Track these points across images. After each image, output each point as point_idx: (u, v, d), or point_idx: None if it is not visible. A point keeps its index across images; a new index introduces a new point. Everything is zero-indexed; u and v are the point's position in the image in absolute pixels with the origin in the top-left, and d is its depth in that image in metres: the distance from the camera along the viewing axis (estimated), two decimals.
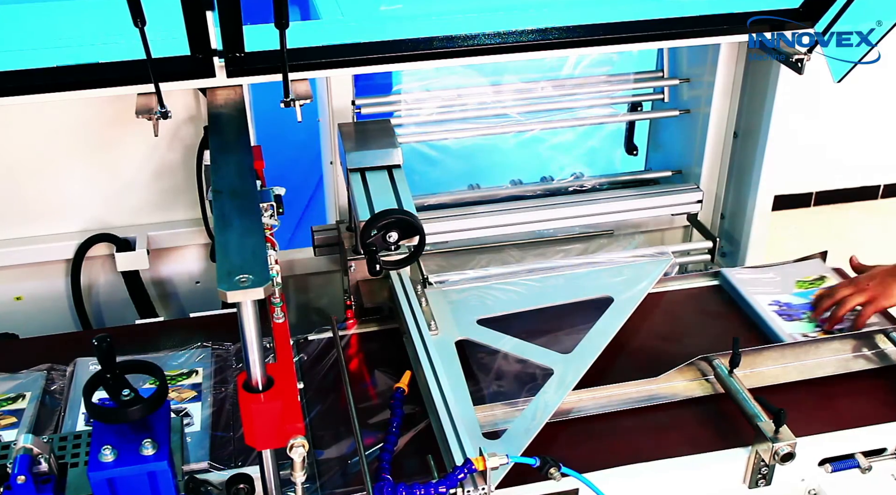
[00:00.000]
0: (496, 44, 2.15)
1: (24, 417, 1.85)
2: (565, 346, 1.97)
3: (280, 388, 1.40)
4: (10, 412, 1.86)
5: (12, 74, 1.95)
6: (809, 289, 2.21)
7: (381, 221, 1.84)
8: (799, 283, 2.23)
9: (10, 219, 2.42)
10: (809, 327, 2.07)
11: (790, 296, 2.18)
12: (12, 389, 1.93)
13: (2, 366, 2.01)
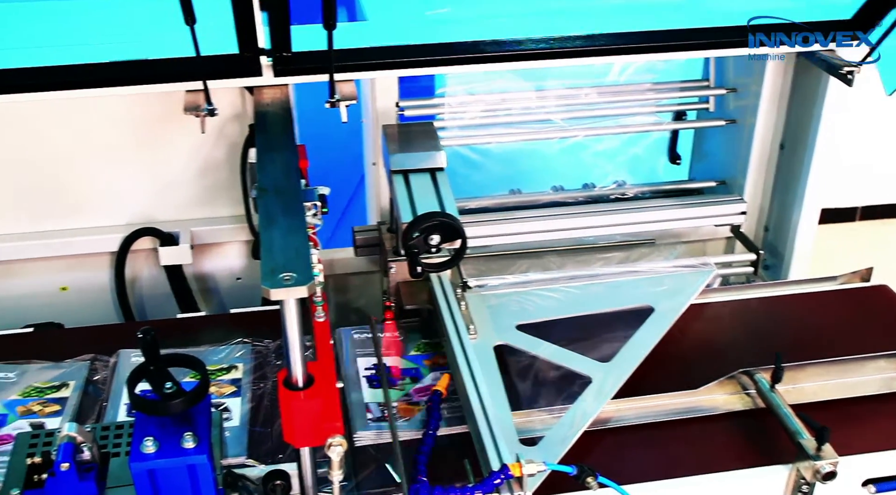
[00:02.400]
0: (542, 49, 2.15)
1: (68, 406, 1.88)
2: (604, 355, 1.96)
3: (320, 387, 1.41)
4: (54, 400, 1.89)
5: (67, 69, 1.99)
6: None
7: (423, 224, 1.84)
8: None
9: (58, 211, 2.47)
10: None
11: None
12: (56, 378, 1.96)
13: (46, 354, 2.03)
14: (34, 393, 1.91)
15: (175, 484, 1.38)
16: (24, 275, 2.54)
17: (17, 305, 2.53)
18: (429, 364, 1.99)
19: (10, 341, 2.14)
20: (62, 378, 1.96)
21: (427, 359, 2.01)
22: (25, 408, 1.87)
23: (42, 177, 2.42)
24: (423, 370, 1.98)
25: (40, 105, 2.27)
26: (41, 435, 1.58)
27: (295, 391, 1.39)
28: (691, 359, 2.03)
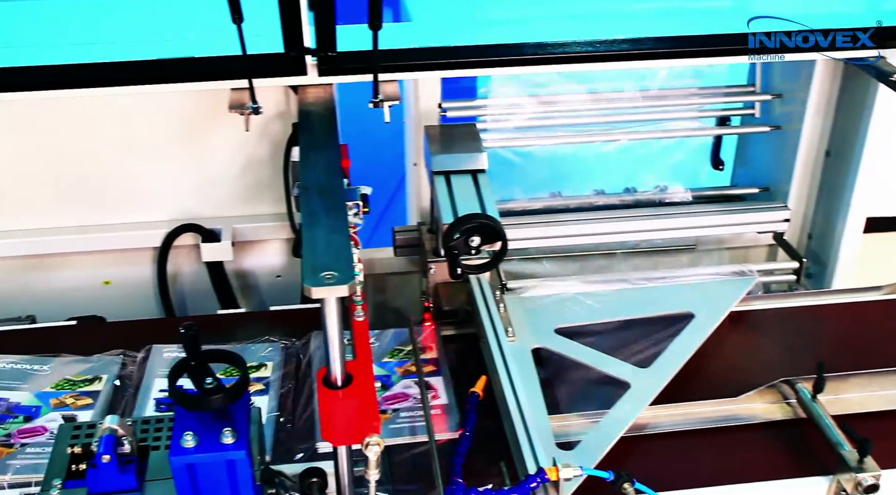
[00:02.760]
0: (587, 52, 2.14)
1: (100, 399, 1.90)
2: (643, 360, 1.95)
3: (359, 386, 1.41)
4: (86, 393, 1.92)
5: (115, 66, 2.01)
6: None
7: (464, 225, 1.84)
8: None
9: (103, 206, 2.50)
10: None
11: None
12: (89, 371, 1.99)
13: (87, 347, 2.06)
14: (67, 385, 1.94)
15: (214, 479, 1.39)
16: (69, 269, 2.58)
17: (61, 298, 2.57)
18: (401, 371, 1.98)
19: (54, 333, 2.17)
20: (95, 371, 1.98)
21: (399, 366, 2.00)
22: (58, 401, 1.90)
23: (89, 172, 2.45)
24: (394, 377, 1.96)
25: (88, 101, 2.30)
26: (83, 427, 1.60)
27: (334, 389, 1.40)
28: (731, 366, 2.01)
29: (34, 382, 1.94)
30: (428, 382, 1.93)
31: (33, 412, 1.86)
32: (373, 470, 1.45)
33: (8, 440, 1.78)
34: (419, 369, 1.95)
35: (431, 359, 2.01)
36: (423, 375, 1.94)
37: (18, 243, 2.49)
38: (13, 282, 2.56)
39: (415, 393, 1.90)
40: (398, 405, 1.88)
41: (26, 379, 1.95)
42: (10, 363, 1.99)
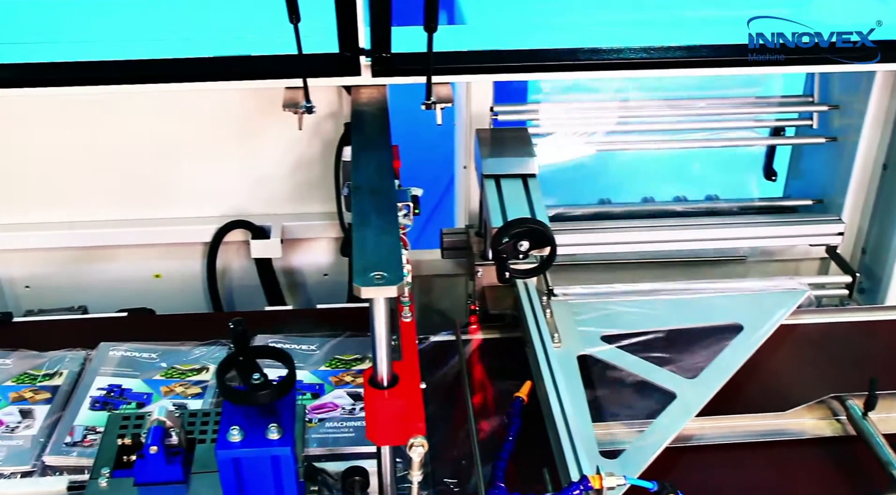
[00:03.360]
0: (641, 59, 2.12)
1: (210, 389, 1.93)
2: (689, 371, 1.93)
3: (404, 387, 1.41)
4: (195, 382, 1.95)
5: (173, 62, 2.04)
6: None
7: (513, 229, 1.84)
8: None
9: (156, 200, 2.54)
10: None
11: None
12: (195, 360, 2.02)
13: (139, 339, 2.09)
14: (176, 374, 1.97)
15: (258, 474, 1.41)
16: (121, 261, 2.62)
17: (112, 289, 2.62)
18: (335, 381, 1.96)
19: (106, 324, 2.21)
20: (204, 361, 2.01)
21: (334, 375, 1.98)
22: (169, 389, 1.93)
23: (144, 166, 2.49)
24: (327, 386, 1.95)
25: (146, 96, 2.34)
26: (132, 418, 1.63)
27: (379, 389, 1.40)
28: (780, 380, 1.98)
29: (146, 370, 1.98)
30: (359, 393, 1.90)
31: (145, 399, 1.90)
32: (416, 471, 1.46)
33: None
34: (464, 373, 1.95)
35: None
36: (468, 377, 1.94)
37: (73, 235, 2.54)
38: (67, 272, 2.61)
39: (343, 404, 1.88)
40: (325, 415, 1.85)
41: (138, 366, 1.99)
42: (126, 350, 2.04)
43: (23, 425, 1.81)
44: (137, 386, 1.93)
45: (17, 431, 1.80)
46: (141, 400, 1.89)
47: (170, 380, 1.95)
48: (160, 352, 2.03)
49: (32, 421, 1.83)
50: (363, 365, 1.98)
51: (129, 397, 1.90)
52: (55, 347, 2.05)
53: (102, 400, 1.88)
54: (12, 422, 1.82)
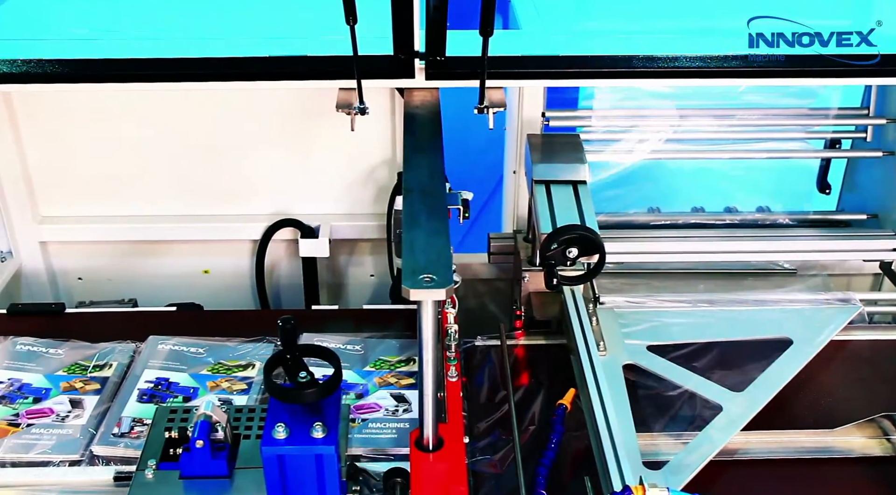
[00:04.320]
0: (697, 67, 2.11)
1: (255, 385, 1.95)
2: (736, 384, 1.90)
3: (449, 450, 1.45)
4: (241, 378, 1.97)
5: (231, 61, 2.07)
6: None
7: (562, 236, 1.83)
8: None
9: (208, 197, 2.58)
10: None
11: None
12: (242, 356, 2.04)
13: (187, 333, 2.11)
14: (223, 370, 1.99)
15: (302, 472, 1.42)
16: (171, 256, 2.66)
17: (162, 284, 2.66)
18: (379, 382, 1.96)
19: (155, 318, 2.24)
20: (250, 357, 2.03)
21: (378, 376, 1.98)
22: (215, 384, 1.95)
23: (197, 163, 2.53)
24: (370, 387, 1.95)
25: (203, 94, 2.37)
26: (179, 411, 1.65)
27: (425, 453, 1.42)
28: (829, 397, 1.95)
29: (193, 365, 2.01)
30: (402, 394, 1.91)
31: (192, 393, 1.93)
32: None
33: None
34: (507, 377, 1.95)
35: (412, 372, 1.99)
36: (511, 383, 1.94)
37: (126, 229, 2.58)
38: (118, 265, 2.66)
39: (387, 405, 1.88)
40: (368, 415, 1.86)
41: (185, 360, 2.02)
42: (175, 344, 2.07)
43: (72, 415, 1.85)
44: (184, 380, 1.96)
45: (67, 420, 1.83)
46: (187, 394, 1.92)
47: (216, 375, 1.97)
48: (207, 347, 2.06)
49: (82, 410, 1.86)
50: (407, 367, 1.99)
51: (175, 391, 1.93)
52: (106, 339, 2.09)
53: (150, 392, 1.91)
54: (63, 411, 1.85)
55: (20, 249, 2.60)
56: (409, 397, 1.90)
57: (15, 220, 2.56)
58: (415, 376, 1.96)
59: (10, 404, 1.87)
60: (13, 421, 1.82)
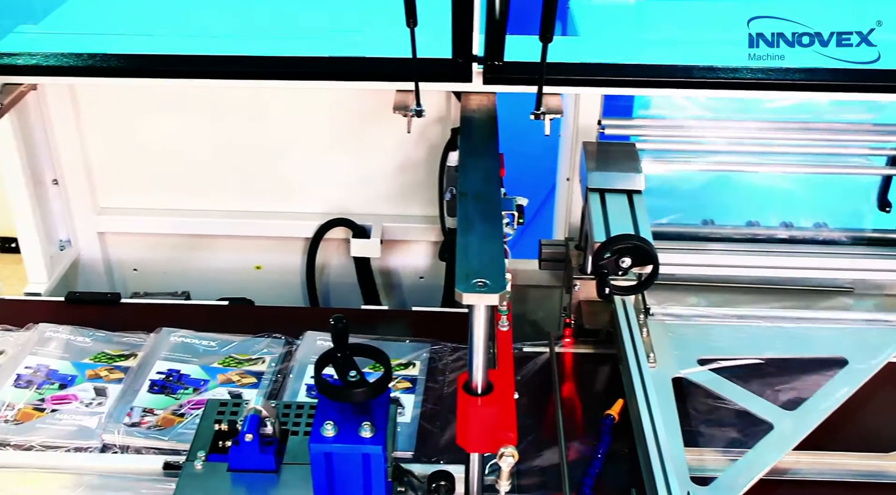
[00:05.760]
0: (758, 79, 2.08)
1: (264, 380, 1.98)
2: (788, 402, 1.88)
3: (498, 395, 1.41)
4: (251, 372, 2.00)
5: (290, 60, 2.09)
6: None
7: (616, 245, 1.82)
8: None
9: (262, 193, 2.60)
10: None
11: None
12: (254, 351, 2.07)
13: (237, 328, 2.14)
14: (233, 363, 2.02)
15: (348, 470, 1.42)
16: (224, 251, 2.69)
17: (215, 278, 2.69)
18: (221, 379, 1.99)
19: (207, 311, 2.27)
20: (259, 352, 2.06)
21: (221, 373, 2.00)
22: (225, 377, 1.98)
23: (253, 160, 2.55)
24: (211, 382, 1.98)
25: (260, 92, 2.39)
26: (228, 404, 1.67)
27: (473, 396, 1.40)
28: (884, 420, 1.91)
29: (204, 357, 2.04)
30: (397, 398, 1.92)
31: (202, 385, 1.96)
32: (504, 481, 1.45)
33: (180, 409, 1.88)
34: (556, 385, 1.94)
35: (408, 376, 2.00)
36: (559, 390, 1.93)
37: (182, 222, 2.62)
38: (173, 258, 2.70)
39: None
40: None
41: (196, 353, 2.05)
42: (181, 336, 2.10)
43: (95, 402, 1.89)
44: (195, 371, 1.99)
45: (90, 407, 1.88)
46: (197, 385, 1.95)
47: (226, 368, 2.00)
48: (218, 340, 2.09)
49: (105, 399, 1.90)
50: (406, 370, 2.00)
51: (186, 382, 1.96)
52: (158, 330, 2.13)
53: (161, 383, 1.95)
54: (86, 399, 1.90)
55: (79, 239, 2.66)
56: (404, 401, 1.92)
57: (75, 210, 2.61)
58: (409, 379, 1.98)
59: (36, 389, 1.92)
60: (39, 405, 1.88)
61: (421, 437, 1.83)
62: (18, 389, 1.92)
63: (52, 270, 2.52)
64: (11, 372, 1.96)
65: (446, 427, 1.85)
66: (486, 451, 1.43)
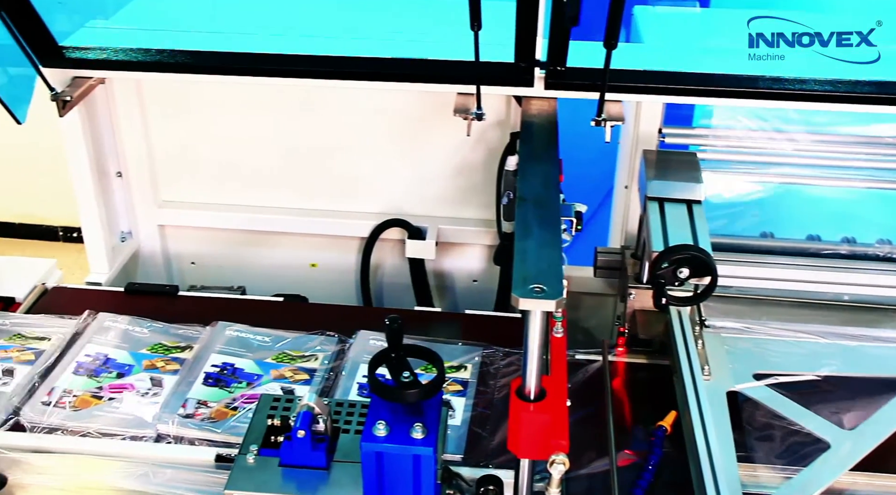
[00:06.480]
0: (827, 91, 2.05)
1: (316, 376, 1.99)
2: (846, 421, 1.84)
3: (551, 401, 1.41)
4: (304, 368, 2.01)
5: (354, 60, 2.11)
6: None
7: (674, 255, 1.81)
8: None
9: (319, 192, 2.62)
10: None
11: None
12: (309, 348, 2.08)
13: (291, 324, 2.16)
14: (286, 359, 2.03)
15: (399, 471, 1.43)
16: (281, 247, 2.72)
17: (270, 274, 2.72)
18: (274, 374, 2.00)
19: (262, 307, 2.29)
20: (312, 350, 2.08)
21: (275, 369, 2.01)
22: (279, 373, 2.00)
23: (312, 158, 2.58)
24: (264, 378, 1.98)
25: (323, 91, 2.41)
26: (282, 400, 1.68)
27: (526, 402, 1.40)
28: None
29: (258, 352, 2.06)
30: (448, 401, 1.90)
31: (255, 379, 1.98)
32: (554, 489, 1.45)
33: (233, 402, 1.91)
34: (608, 394, 1.92)
35: (459, 378, 1.99)
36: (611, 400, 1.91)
37: (240, 218, 2.66)
38: (230, 253, 2.73)
39: None
40: None
41: (250, 347, 2.08)
42: (236, 331, 2.13)
43: (151, 393, 1.92)
44: (249, 366, 2.01)
45: (146, 397, 1.91)
46: (251, 380, 1.97)
47: (280, 364, 2.02)
48: (272, 337, 2.11)
49: (161, 389, 1.94)
50: (457, 373, 2.00)
51: (240, 376, 1.98)
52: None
53: (215, 376, 1.97)
54: (143, 388, 1.94)
55: (140, 231, 2.70)
56: (454, 404, 1.91)
57: (137, 203, 2.66)
58: (460, 382, 1.98)
59: (94, 377, 1.96)
60: (97, 393, 1.92)
61: (470, 441, 1.83)
62: (77, 376, 1.96)
63: (112, 261, 2.57)
64: (72, 360, 2.01)
65: (496, 431, 1.85)
66: (537, 458, 1.42)
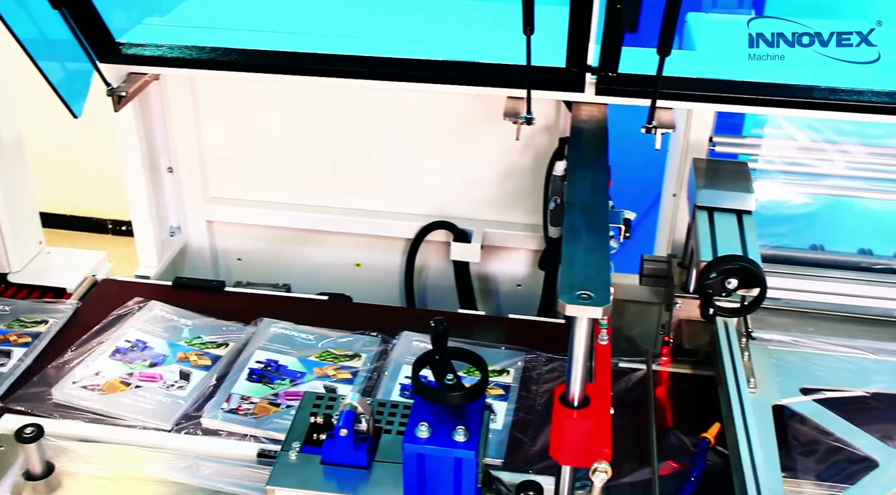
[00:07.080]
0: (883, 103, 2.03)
1: (359, 376, 2.00)
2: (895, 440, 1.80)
3: (595, 409, 1.40)
4: (346, 367, 2.03)
5: (405, 62, 2.11)
6: None
7: (723, 266, 1.79)
8: None
9: (366, 191, 2.63)
10: None
11: None
12: (351, 347, 2.09)
13: (335, 323, 2.17)
14: (330, 358, 2.05)
15: (440, 473, 1.42)
16: (326, 246, 2.74)
17: (315, 272, 2.74)
18: (318, 372, 2.01)
19: (306, 305, 2.31)
20: (356, 349, 2.09)
21: (319, 367, 2.02)
22: (322, 371, 2.01)
23: (360, 158, 2.59)
24: (308, 375, 2.00)
25: (372, 92, 2.42)
26: (325, 398, 1.69)
27: (570, 408, 1.39)
28: None
29: (301, 350, 2.08)
30: (490, 405, 1.89)
31: (298, 377, 1.99)
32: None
33: (276, 399, 1.92)
34: (651, 404, 1.91)
35: (502, 383, 1.98)
36: (654, 409, 1.90)
37: (287, 215, 2.68)
38: (276, 250, 2.75)
39: None
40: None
41: (294, 345, 2.09)
42: (281, 327, 2.14)
43: (176, 385, 1.94)
44: (292, 363, 2.03)
45: (171, 390, 1.93)
46: (294, 377, 1.98)
47: (323, 362, 2.03)
48: (316, 335, 2.12)
49: (186, 383, 1.95)
50: (500, 377, 2.00)
51: (284, 373, 1.99)
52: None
53: (259, 372, 1.99)
54: (170, 380, 1.96)
55: (188, 226, 2.74)
56: (496, 408, 1.91)
57: (186, 198, 2.69)
58: (503, 387, 1.97)
59: (129, 363, 1.99)
60: (126, 380, 1.94)
61: (511, 446, 1.82)
62: (113, 361, 2.00)
63: (161, 255, 2.61)
64: (113, 344, 2.05)
65: (537, 437, 1.84)
66: (579, 465, 1.42)
